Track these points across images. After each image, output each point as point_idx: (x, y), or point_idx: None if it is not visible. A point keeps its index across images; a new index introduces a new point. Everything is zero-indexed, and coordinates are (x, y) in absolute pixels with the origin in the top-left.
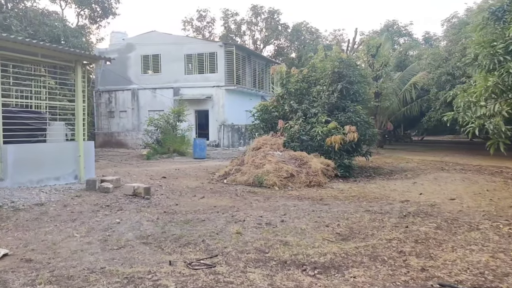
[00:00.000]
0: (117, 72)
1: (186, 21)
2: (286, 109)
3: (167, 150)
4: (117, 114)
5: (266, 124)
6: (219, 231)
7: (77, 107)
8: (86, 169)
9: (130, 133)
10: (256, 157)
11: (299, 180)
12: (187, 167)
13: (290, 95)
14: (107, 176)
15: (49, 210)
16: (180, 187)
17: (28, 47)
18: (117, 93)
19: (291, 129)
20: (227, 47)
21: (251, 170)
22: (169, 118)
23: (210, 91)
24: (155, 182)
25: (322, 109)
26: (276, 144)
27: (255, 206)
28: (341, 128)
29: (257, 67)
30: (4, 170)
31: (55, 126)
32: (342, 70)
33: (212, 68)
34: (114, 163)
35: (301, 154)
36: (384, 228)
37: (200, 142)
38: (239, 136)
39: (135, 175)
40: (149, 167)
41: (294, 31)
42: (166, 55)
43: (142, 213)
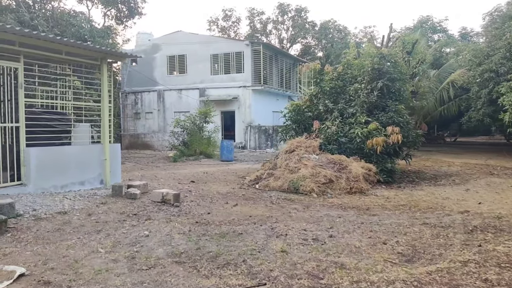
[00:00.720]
0: (143, 73)
1: (211, 21)
2: (321, 109)
3: (193, 152)
4: (143, 116)
5: (299, 125)
6: (261, 248)
7: (103, 107)
8: (112, 173)
9: (156, 134)
10: (290, 160)
11: (339, 186)
12: (215, 170)
13: (324, 94)
14: (134, 180)
15: (72, 220)
16: (210, 193)
17: (52, 44)
18: (143, 94)
19: (327, 131)
20: (254, 46)
21: (285, 175)
22: (196, 120)
23: (236, 91)
24: (184, 187)
25: (361, 109)
26: (311, 146)
27: (295, 216)
28: (382, 129)
29: (284, 67)
30: (27, 175)
31: (80, 127)
32: (382, 66)
33: (238, 68)
34: (141, 166)
35: (340, 158)
36: (452, 246)
37: (227, 144)
38: (266, 137)
39: (162, 179)
40: (176, 170)
41: (322, 29)
42: (192, 56)
43: (173, 223)
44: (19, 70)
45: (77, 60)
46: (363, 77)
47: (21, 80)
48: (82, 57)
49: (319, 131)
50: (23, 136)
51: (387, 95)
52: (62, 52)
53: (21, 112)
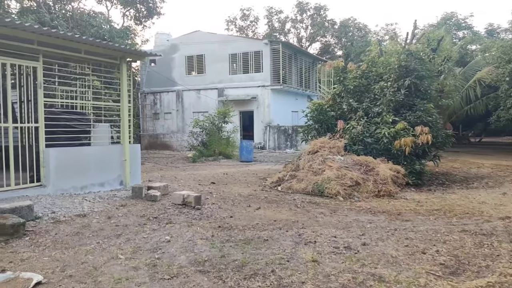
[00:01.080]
0: (161, 74)
1: (229, 21)
2: (344, 109)
3: (212, 153)
4: (162, 116)
5: (321, 125)
6: (290, 257)
7: (122, 107)
8: (132, 174)
9: (175, 135)
10: (313, 162)
11: (366, 189)
12: (235, 171)
13: (348, 93)
14: (154, 182)
15: (91, 223)
16: (231, 195)
17: (70, 43)
18: (162, 94)
19: (353, 131)
20: (273, 45)
21: (308, 177)
22: (214, 120)
23: (255, 91)
24: (204, 188)
25: (387, 108)
26: (335, 147)
27: (322, 221)
28: (410, 129)
29: (304, 66)
30: (47, 176)
31: (100, 128)
32: (409, 63)
33: (257, 67)
34: (160, 166)
35: (366, 159)
36: (499, 257)
37: (247, 145)
38: (285, 138)
39: (182, 180)
40: (196, 171)
41: (342, 27)
42: (210, 55)
43: (194, 227)
44: (38, 69)
45: (96, 59)
46: (389, 75)
47: (40, 80)
48: (101, 56)
49: (343, 131)
50: (43, 137)
51: (414, 93)
52: (81, 51)
53: (40, 112)
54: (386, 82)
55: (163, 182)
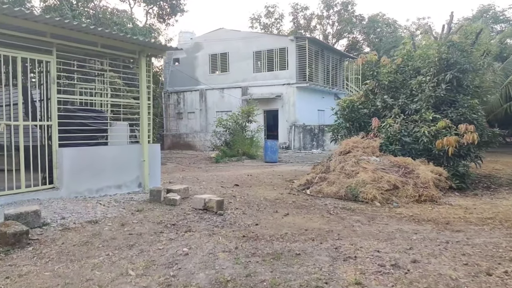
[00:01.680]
0: (185, 73)
1: (253, 18)
2: (378, 106)
3: (236, 153)
4: (185, 116)
5: (353, 123)
6: (328, 278)
7: (142, 105)
8: (151, 176)
9: (198, 134)
10: (345, 163)
11: (406, 194)
12: (260, 172)
13: (382, 88)
14: (174, 184)
15: (103, 231)
16: (256, 199)
17: (86, 35)
18: (185, 94)
19: (389, 129)
20: (299, 41)
21: (340, 180)
22: (238, 119)
23: (280, 89)
24: (227, 191)
25: (426, 105)
26: (369, 147)
27: (360, 231)
28: (452, 128)
29: (330, 63)
30: (60, 178)
31: (118, 126)
32: (451, 56)
33: (282, 64)
34: (182, 167)
35: (405, 160)
36: None
37: (271, 145)
38: (311, 137)
39: (204, 181)
40: (219, 172)
41: (371, 22)
42: (234, 53)
43: (216, 236)
44: (51, 63)
45: (113, 53)
46: (428, 69)
47: (54, 75)
48: (119, 50)
49: (378, 130)
50: (56, 136)
51: (456, 88)
52: (97, 45)
53: (53, 109)
54: (424, 77)
55: (184, 185)
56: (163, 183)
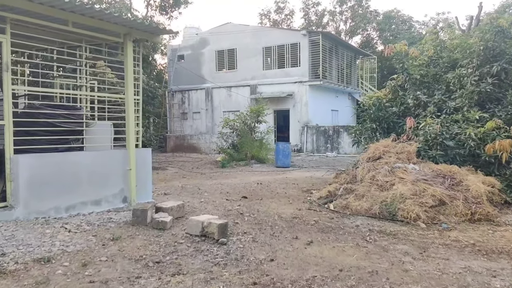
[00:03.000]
0: (190, 70)
1: (263, 14)
2: (410, 103)
3: (244, 156)
4: (190, 116)
5: (380, 123)
6: None
7: (127, 100)
8: (140, 188)
9: (203, 136)
10: (376, 171)
11: (455, 211)
12: (271, 180)
13: (413, 84)
14: (167, 200)
15: (53, 277)
16: (269, 217)
17: (51, 10)
18: (190, 92)
19: (429, 130)
20: (312, 36)
21: (372, 193)
22: (247, 119)
23: (292, 87)
24: (233, 206)
25: (469, 102)
26: (404, 152)
27: (415, 272)
28: (502, 128)
29: (345, 60)
30: (15, 194)
31: (98, 127)
32: (498, 44)
33: (294, 61)
34: (184, 173)
35: (450, 169)
36: None
37: (283, 147)
38: (325, 139)
39: (206, 192)
40: (224, 179)
41: (386, 18)
42: (242, 49)
43: (215, 283)
44: (3, 44)
45: (89, 34)
46: (470, 60)
47: (7, 60)
48: (97, 32)
49: (413, 132)
50: (10, 139)
51: (505, 82)
52: (68, 23)
53: (6, 105)
54: (465, 69)
55: (178, 201)
56: (157, 194)
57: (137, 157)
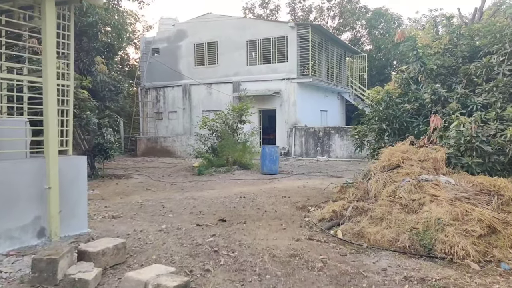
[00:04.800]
0: (166, 65)
1: (247, 8)
2: (426, 99)
3: (225, 162)
4: (165, 116)
5: (390, 123)
6: None
7: (46, 84)
8: (67, 213)
9: (179, 138)
10: (396, 185)
11: (510, 242)
12: (257, 191)
13: (428, 76)
14: (100, 237)
15: None
16: (256, 257)
17: None
18: (166, 90)
19: (463, 131)
20: (300, 29)
21: (395, 215)
22: (228, 119)
23: (278, 85)
24: (206, 237)
25: (503, 97)
26: (429, 159)
27: None
28: None
29: (335, 57)
30: None
31: (2, 124)
32: None
33: (281, 56)
34: (150, 182)
35: (494, 183)
36: None
37: (271, 152)
38: (315, 142)
39: (172, 212)
40: (199, 191)
41: (376, 14)
42: (224, 43)
43: None
44: None
45: None
46: (502, 45)
47: None
48: None
49: (438, 133)
50: None
51: None
52: None
53: None
54: (496, 57)
55: (116, 239)
56: (102, 218)
57: (63, 169)
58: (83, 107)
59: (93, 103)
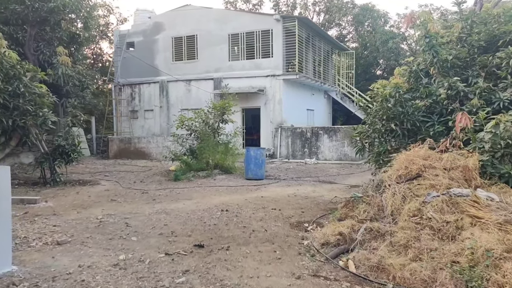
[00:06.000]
0: (142, 60)
1: (228, 1)
2: (441, 94)
3: (205, 165)
4: (141, 114)
5: (402, 123)
6: None
7: None
8: None
9: (154, 139)
10: (420, 201)
11: None
12: (241, 202)
13: (442, 68)
14: (27, 279)
15: None
16: None
17: None
18: (142, 86)
19: (503, 131)
20: (286, 22)
21: (425, 242)
22: (208, 118)
23: (263, 82)
24: (175, 274)
25: None
26: (457, 168)
27: None
28: None
29: (322, 53)
30: None
31: None
32: None
33: (265, 51)
34: (119, 190)
35: None
36: None
37: (256, 154)
38: (302, 143)
39: (136, 234)
40: (174, 202)
41: (363, 10)
42: (204, 36)
43: None
44: None
45: None
46: None
47: None
48: None
49: (466, 134)
50: None
51: None
52: None
53: None
54: None
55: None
56: (43, 245)
57: None
58: (39, 103)
59: (52, 99)
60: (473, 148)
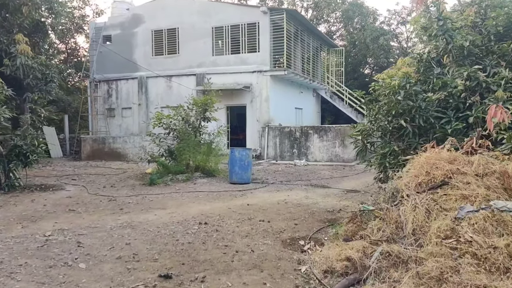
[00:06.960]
0: (119, 54)
1: None
2: (458, 85)
3: (184, 168)
4: (118, 112)
5: (413, 119)
6: None
7: None
8: None
9: (131, 139)
10: (451, 216)
11: None
12: (224, 211)
13: (457, 55)
14: None
15: None
16: None
17: None
18: (119, 83)
19: None
20: (274, 15)
21: (469, 277)
22: (189, 115)
23: (249, 78)
24: None
25: None
26: (492, 173)
27: None
28: None
29: (311, 49)
30: None
31: None
32: None
33: (251, 46)
34: (83, 196)
35: None
36: None
37: (241, 156)
38: (291, 143)
39: (87, 259)
40: (143, 213)
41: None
42: (186, 29)
43: None
44: None
45: None
46: None
47: None
48: None
49: (501, 131)
50: None
51: None
52: None
53: None
54: None
55: None
56: None
57: None
58: None
59: (7, 92)
60: (509, 149)
